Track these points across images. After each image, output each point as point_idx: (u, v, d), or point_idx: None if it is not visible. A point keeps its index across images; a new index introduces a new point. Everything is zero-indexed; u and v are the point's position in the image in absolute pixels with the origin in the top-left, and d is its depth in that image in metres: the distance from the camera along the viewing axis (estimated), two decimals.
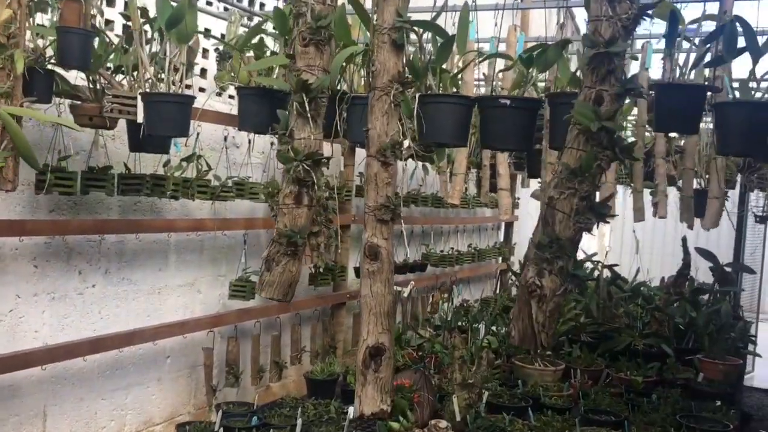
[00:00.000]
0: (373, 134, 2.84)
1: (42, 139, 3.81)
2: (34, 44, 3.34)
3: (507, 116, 2.35)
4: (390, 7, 2.58)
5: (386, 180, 2.97)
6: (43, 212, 3.88)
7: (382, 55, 2.66)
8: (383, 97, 2.72)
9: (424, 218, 7.42)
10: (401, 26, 2.55)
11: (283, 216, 3.18)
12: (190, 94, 3.01)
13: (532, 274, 2.82)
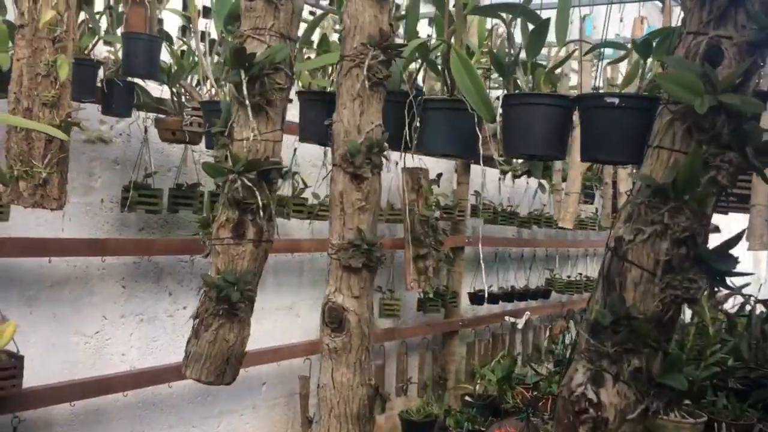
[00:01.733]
0: (339, 130, 1.89)
1: (129, 156, 3.69)
2: (114, 55, 3.21)
3: (614, 119, 1.82)
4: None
5: (358, 203, 1.93)
6: (132, 231, 3.76)
7: (353, 5, 1.78)
8: (354, 71, 1.81)
9: (548, 240, 6.81)
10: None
11: (216, 256, 2.11)
12: None
13: (582, 379, 1.60)
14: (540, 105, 1.89)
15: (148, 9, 2.75)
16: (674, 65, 1.42)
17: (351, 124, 1.91)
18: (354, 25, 1.71)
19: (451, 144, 2.10)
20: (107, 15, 3.15)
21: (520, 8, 2.02)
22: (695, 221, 1.47)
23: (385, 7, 1.68)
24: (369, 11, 1.66)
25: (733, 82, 1.36)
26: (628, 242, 1.54)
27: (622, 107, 1.74)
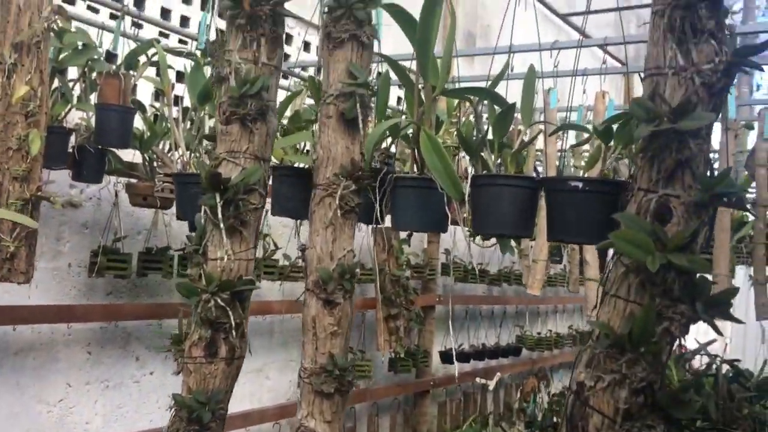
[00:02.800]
0: (312, 256, 1.94)
1: (99, 219, 3.67)
2: (87, 122, 3.22)
3: (579, 202, 1.88)
4: (339, 63, 1.76)
5: (330, 328, 1.96)
6: (100, 295, 3.71)
7: (325, 136, 1.84)
8: (326, 200, 1.87)
9: (518, 298, 6.86)
10: (352, 91, 1.75)
11: (188, 374, 2.07)
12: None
13: None
14: (507, 186, 1.94)
15: (122, 81, 2.78)
16: (626, 223, 1.47)
17: (324, 251, 1.95)
18: (327, 156, 1.76)
19: (422, 221, 2.14)
20: (80, 82, 3.17)
21: (487, 92, 2.08)
22: (651, 371, 1.52)
23: (357, 137, 1.73)
24: (341, 142, 1.71)
25: (682, 241, 1.40)
26: (589, 388, 1.59)
27: (586, 191, 1.80)
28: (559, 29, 8.00)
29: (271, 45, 1.65)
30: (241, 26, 1.59)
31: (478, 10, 6.76)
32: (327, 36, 1.73)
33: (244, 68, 1.62)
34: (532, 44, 3.19)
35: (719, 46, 1.15)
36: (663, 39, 1.17)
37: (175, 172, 2.91)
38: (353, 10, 1.63)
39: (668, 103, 1.24)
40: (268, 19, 1.60)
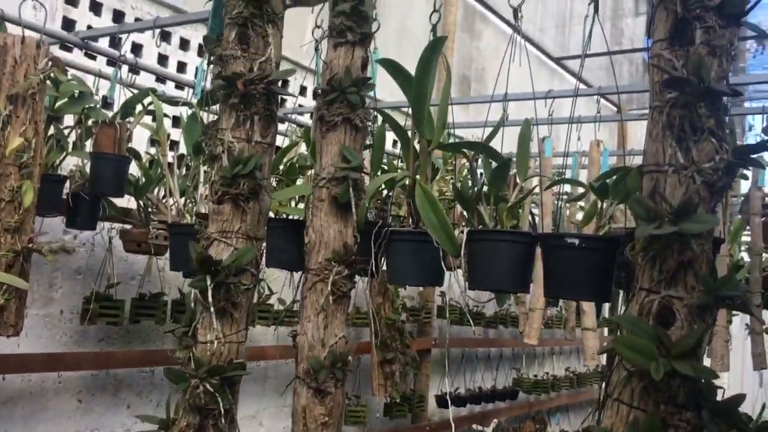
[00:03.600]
0: (303, 343, 1.86)
1: (92, 265, 3.64)
2: (81, 169, 3.22)
3: (576, 259, 1.87)
4: (331, 145, 1.71)
5: (321, 418, 1.85)
6: (92, 342, 3.67)
7: (318, 220, 1.77)
8: (318, 285, 1.80)
9: (514, 340, 6.80)
10: (345, 176, 1.69)
11: None
12: None
13: None
14: (503, 242, 1.93)
15: (118, 130, 2.78)
16: (628, 326, 1.39)
17: (315, 338, 1.88)
18: (319, 240, 1.73)
19: (418, 276, 2.12)
20: (76, 130, 3.17)
21: (482, 146, 2.09)
22: None
23: (350, 221, 1.71)
24: (334, 227, 1.69)
25: (686, 348, 1.34)
26: None
27: (583, 248, 1.79)
28: (553, 71, 8.09)
29: (265, 122, 1.63)
30: (234, 105, 1.58)
31: (472, 54, 6.83)
32: (320, 119, 1.71)
33: (237, 147, 1.60)
34: (527, 93, 3.20)
35: (719, 143, 1.12)
36: (662, 135, 1.16)
37: (169, 222, 2.89)
38: (346, 94, 1.63)
39: (669, 202, 1.21)
40: (262, 97, 1.60)
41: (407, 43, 5.68)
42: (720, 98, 1.11)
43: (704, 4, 1.14)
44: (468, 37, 6.75)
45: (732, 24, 1.15)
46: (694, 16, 1.14)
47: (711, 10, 1.14)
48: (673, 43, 1.17)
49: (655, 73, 1.18)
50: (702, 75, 1.10)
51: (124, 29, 2.95)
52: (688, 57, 1.14)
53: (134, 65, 3.17)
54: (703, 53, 1.13)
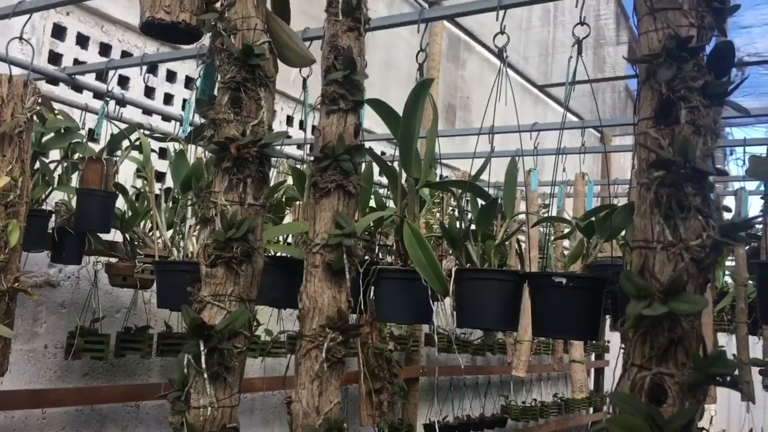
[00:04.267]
0: (297, 410, 1.81)
1: (77, 299, 3.61)
2: (67, 204, 3.20)
3: (564, 298, 1.89)
4: (325, 212, 1.70)
5: None
6: (76, 377, 3.62)
7: (312, 286, 1.74)
8: (312, 352, 1.76)
9: (502, 367, 6.79)
10: (339, 243, 1.67)
11: None
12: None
13: None
14: (491, 281, 1.94)
15: (105, 166, 2.77)
16: (621, 405, 1.35)
17: (310, 405, 1.84)
18: (313, 306, 1.72)
19: (406, 314, 2.13)
20: (62, 164, 3.16)
21: (470, 185, 2.10)
22: None
23: (344, 286, 1.71)
24: (328, 293, 1.69)
25: (678, 427, 1.30)
26: None
27: (570, 286, 1.80)
28: (537, 99, 8.18)
29: (258, 184, 1.64)
30: (227, 169, 1.59)
31: (457, 82, 6.89)
32: (314, 185, 1.71)
33: (230, 210, 1.60)
34: (512, 126, 3.24)
35: (706, 221, 1.14)
36: (650, 212, 1.18)
37: (156, 256, 2.88)
38: (339, 161, 1.65)
39: (658, 279, 1.21)
40: (255, 160, 1.61)
41: (393, 74, 5.72)
42: (706, 177, 1.13)
43: (688, 85, 1.17)
44: (453, 66, 6.81)
45: (715, 104, 1.18)
46: (679, 97, 1.17)
47: (695, 91, 1.17)
48: (658, 122, 1.20)
49: (642, 151, 1.20)
50: (688, 155, 1.13)
51: (111, 65, 2.96)
52: (673, 136, 1.16)
53: (121, 100, 3.18)
54: (688, 133, 1.16)
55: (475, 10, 1.98)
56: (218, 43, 1.55)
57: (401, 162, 2.06)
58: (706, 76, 1.21)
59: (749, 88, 13.12)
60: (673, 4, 1.21)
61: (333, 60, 1.62)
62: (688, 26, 1.21)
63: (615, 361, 1.43)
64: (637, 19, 1.25)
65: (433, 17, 2.15)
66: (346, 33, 1.61)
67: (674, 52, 1.19)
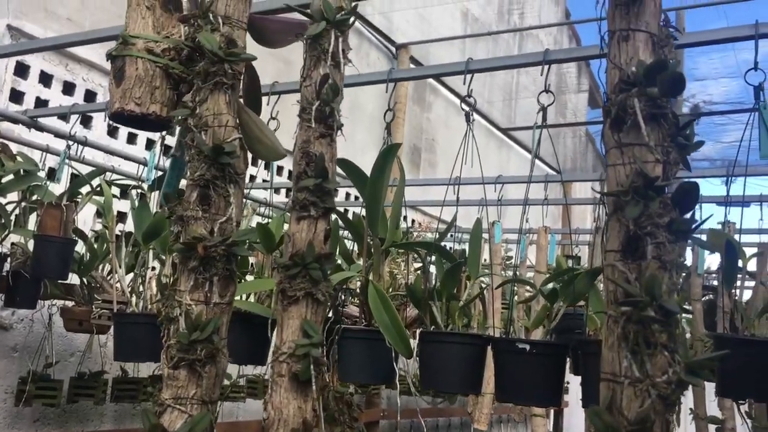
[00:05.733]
0: None
1: (30, 342, 3.51)
2: (23, 246, 3.13)
3: (527, 364, 1.90)
4: (293, 319, 1.64)
5: None
6: (26, 424, 3.50)
7: (277, 396, 1.67)
8: None
9: (462, 409, 6.77)
10: (307, 353, 1.62)
11: None
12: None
13: None
14: (455, 344, 1.95)
15: (64, 212, 2.72)
16: None
17: None
18: (278, 417, 1.69)
19: (369, 374, 2.11)
20: (19, 206, 3.10)
21: (435, 246, 2.12)
22: None
23: (309, 395, 1.69)
24: (293, 403, 1.67)
25: None
26: None
27: (533, 353, 1.81)
28: (501, 141, 8.31)
29: (224, 282, 1.62)
30: (194, 268, 1.57)
31: (423, 124, 6.96)
32: (282, 292, 1.70)
33: (195, 310, 1.57)
34: (476, 178, 3.28)
35: (672, 356, 1.17)
36: (617, 345, 1.20)
37: (114, 305, 2.82)
38: (309, 269, 1.64)
39: (626, 416, 1.20)
40: (222, 258, 1.59)
41: (359, 116, 5.76)
42: (672, 314, 1.17)
43: (655, 221, 1.20)
44: (419, 108, 6.89)
45: (681, 239, 1.22)
46: (646, 233, 1.20)
47: (661, 227, 1.21)
48: (626, 256, 1.23)
49: (609, 283, 1.23)
50: (654, 293, 1.16)
51: (74, 110, 2.92)
52: (640, 270, 1.20)
53: (84, 142, 3.13)
54: (655, 268, 1.19)
55: (444, 73, 2.01)
56: (188, 140, 1.55)
57: (368, 222, 2.06)
58: (672, 213, 1.25)
59: (704, 136, 13.43)
60: (639, 140, 1.25)
61: (305, 166, 1.62)
62: (653, 162, 1.25)
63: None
64: (605, 151, 1.29)
65: (401, 78, 2.17)
66: (318, 139, 1.61)
67: (641, 190, 1.23)
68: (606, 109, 1.30)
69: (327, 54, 1.59)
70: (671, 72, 1.24)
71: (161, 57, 1.57)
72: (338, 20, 1.63)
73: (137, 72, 1.57)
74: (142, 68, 1.57)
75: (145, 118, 1.58)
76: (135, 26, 1.60)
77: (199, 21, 1.58)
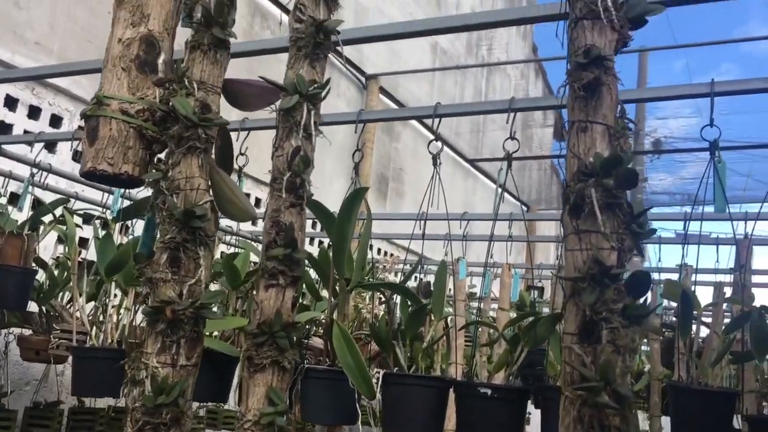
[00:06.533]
0: None
1: None
2: None
3: (489, 408, 1.92)
4: (258, 387, 1.64)
5: None
6: None
7: None
8: None
9: None
10: (272, 421, 1.62)
11: None
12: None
13: None
14: (417, 386, 1.96)
15: (26, 242, 2.68)
16: None
17: None
18: None
19: (332, 415, 2.10)
20: None
21: (401, 288, 2.14)
22: None
23: None
24: None
25: None
26: None
27: (495, 398, 1.83)
28: (467, 171, 8.40)
29: (191, 344, 1.62)
30: (162, 331, 1.57)
31: (391, 153, 7.02)
32: (248, 359, 1.71)
33: (161, 373, 1.56)
34: (442, 214, 3.32)
35: None
36: (573, 427, 1.23)
37: (74, 336, 2.77)
38: (276, 338, 1.66)
39: None
40: (190, 321, 1.60)
41: (328, 145, 5.78)
42: (626, 399, 1.21)
43: (610, 307, 1.26)
44: (387, 138, 6.94)
45: (634, 324, 1.28)
46: (601, 318, 1.26)
47: (616, 313, 1.27)
48: (582, 339, 1.28)
49: (566, 365, 1.28)
50: (608, 377, 1.21)
51: (40, 138, 2.89)
52: (595, 354, 1.25)
53: (49, 170, 3.10)
54: (609, 352, 1.24)
55: (412, 116, 2.04)
56: (160, 202, 1.55)
57: (334, 262, 2.07)
58: (626, 299, 1.30)
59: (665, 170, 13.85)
60: (595, 227, 1.30)
61: (275, 235, 1.64)
62: (609, 249, 1.31)
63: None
64: (564, 235, 1.34)
65: (371, 119, 2.20)
66: (289, 209, 1.63)
67: (597, 277, 1.28)
68: (565, 195, 1.36)
69: (299, 126, 1.62)
70: (625, 168, 1.30)
71: (135, 118, 1.58)
72: (311, 94, 1.67)
73: (111, 132, 1.57)
74: (116, 129, 1.57)
75: (118, 178, 1.59)
76: (110, 87, 1.61)
77: (175, 85, 1.60)
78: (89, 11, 4.03)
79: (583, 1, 1.40)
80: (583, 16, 1.40)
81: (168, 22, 1.69)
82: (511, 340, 1.95)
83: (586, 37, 1.40)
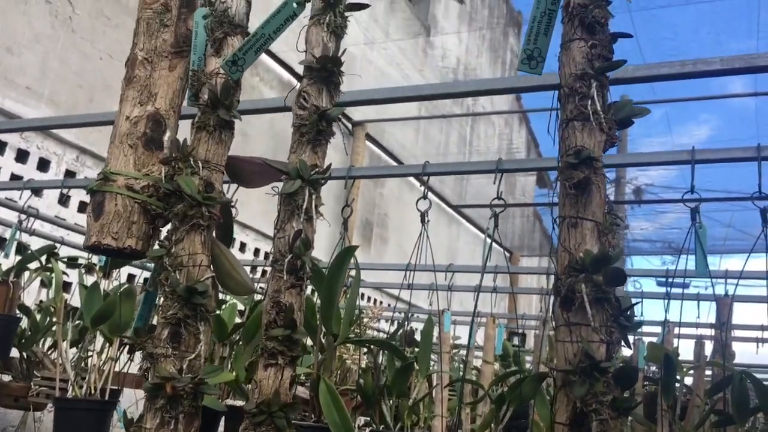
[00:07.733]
0: None
1: None
2: None
3: None
4: None
5: None
6: None
7: None
8: None
9: None
10: None
11: None
12: (111, 401, 2.58)
13: None
14: None
15: (11, 289, 2.67)
16: None
17: None
18: None
19: None
20: None
21: (388, 345, 2.15)
22: None
23: None
24: None
25: None
26: None
27: None
28: (451, 217, 8.46)
29: (189, 418, 1.62)
30: (161, 407, 1.58)
31: (376, 199, 7.07)
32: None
33: None
34: (429, 265, 3.35)
35: None
36: None
37: (56, 384, 2.74)
38: (274, 417, 1.68)
39: None
40: (189, 396, 1.61)
41: None
42: None
43: (599, 399, 1.31)
44: (372, 184, 7.00)
45: (622, 415, 1.33)
46: (591, 410, 1.30)
47: (605, 405, 1.31)
48: (572, 430, 1.32)
49: None
50: None
51: (28, 185, 2.90)
52: None
53: (36, 215, 3.10)
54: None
55: (400, 174, 2.09)
56: (162, 278, 1.58)
57: (322, 318, 2.09)
58: (614, 392, 1.35)
59: (645, 218, 14.03)
60: (585, 321, 1.36)
61: (275, 315, 1.67)
62: (598, 342, 1.36)
63: None
64: (555, 326, 1.39)
65: (360, 176, 2.24)
66: (289, 290, 1.66)
67: (587, 370, 1.34)
68: (557, 288, 1.41)
69: (301, 209, 1.66)
70: (613, 267, 1.36)
71: (140, 193, 1.61)
72: (312, 179, 1.72)
73: (116, 208, 1.60)
74: (121, 204, 1.61)
75: (121, 251, 1.62)
76: (117, 163, 1.65)
77: (180, 164, 1.65)
78: (82, 56, 4.08)
79: (573, 103, 1.47)
80: (574, 117, 1.47)
81: (174, 101, 1.73)
82: (497, 399, 1.96)
83: (577, 137, 1.46)
